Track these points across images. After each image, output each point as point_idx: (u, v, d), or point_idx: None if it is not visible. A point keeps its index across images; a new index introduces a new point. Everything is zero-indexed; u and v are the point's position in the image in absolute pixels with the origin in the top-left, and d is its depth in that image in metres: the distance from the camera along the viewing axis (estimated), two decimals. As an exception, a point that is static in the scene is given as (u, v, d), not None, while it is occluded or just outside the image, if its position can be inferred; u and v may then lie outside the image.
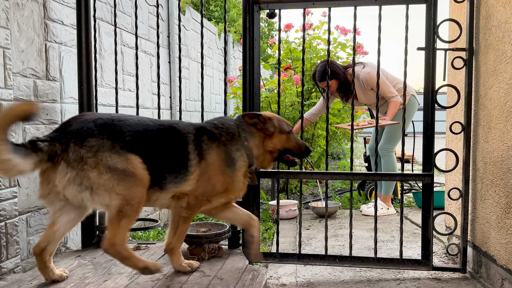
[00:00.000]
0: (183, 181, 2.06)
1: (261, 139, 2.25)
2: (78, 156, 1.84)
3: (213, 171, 2.10)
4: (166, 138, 2.06)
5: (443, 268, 2.58)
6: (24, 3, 2.53)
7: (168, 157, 2.05)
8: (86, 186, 1.84)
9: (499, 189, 2.27)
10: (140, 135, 1.99)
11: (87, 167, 1.84)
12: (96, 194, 1.86)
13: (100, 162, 1.86)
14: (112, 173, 1.87)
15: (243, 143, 2.19)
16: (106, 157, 1.87)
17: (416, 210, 4.44)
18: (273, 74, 9.32)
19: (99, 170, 1.85)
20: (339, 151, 9.87)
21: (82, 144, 1.86)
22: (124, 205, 1.88)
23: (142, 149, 1.97)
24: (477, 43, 2.55)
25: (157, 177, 2.01)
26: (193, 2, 12.81)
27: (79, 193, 1.85)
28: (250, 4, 2.57)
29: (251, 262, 2.55)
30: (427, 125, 2.49)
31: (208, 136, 2.13)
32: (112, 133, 1.92)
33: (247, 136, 2.21)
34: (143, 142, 1.99)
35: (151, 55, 4.21)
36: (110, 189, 1.86)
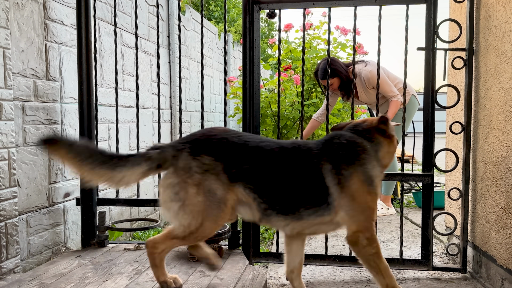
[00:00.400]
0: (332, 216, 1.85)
1: (388, 146, 1.99)
2: (187, 166, 1.81)
3: (359, 195, 1.85)
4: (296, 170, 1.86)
5: (443, 268, 2.58)
6: (24, 3, 2.53)
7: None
8: (180, 198, 1.81)
9: (499, 189, 2.27)
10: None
11: (191, 181, 1.80)
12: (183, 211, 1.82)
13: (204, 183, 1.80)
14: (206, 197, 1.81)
15: (375, 156, 1.94)
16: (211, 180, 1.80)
17: (416, 210, 4.44)
18: (273, 74, 9.32)
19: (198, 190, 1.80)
20: (339, 151, 9.85)
21: (196, 157, 1.81)
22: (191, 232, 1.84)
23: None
24: (477, 43, 2.55)
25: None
26: (193, 2, 12.82)
27: (171, 201, 1.83)
28: (250, 4, 2.57)
29: (251, 262, 2.55)
30: (427, 125, 2.49)
31: (345, 162, 1.86)
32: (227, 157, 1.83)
33: (377, 146, 1.95)
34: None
35: (151, 55, 4.21)
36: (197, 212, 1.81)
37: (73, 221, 2.97)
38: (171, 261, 2.43)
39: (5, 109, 2.31)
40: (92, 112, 2.79)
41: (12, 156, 2.36)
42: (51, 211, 2.76)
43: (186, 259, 2.46)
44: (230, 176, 1.81)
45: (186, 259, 2.46)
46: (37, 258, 2.61)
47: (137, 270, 2.29)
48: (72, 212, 2.95)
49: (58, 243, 2.83)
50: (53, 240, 2.78)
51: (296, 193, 1.83)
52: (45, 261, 2.65)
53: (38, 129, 2.65)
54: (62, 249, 2.86)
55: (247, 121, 2.60)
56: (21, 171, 2.51)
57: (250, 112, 2.60)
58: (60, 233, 2.85)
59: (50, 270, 2.29)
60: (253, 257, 2.62)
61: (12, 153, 2.37)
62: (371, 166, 1.89)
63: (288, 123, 5.41)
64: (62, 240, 2.87)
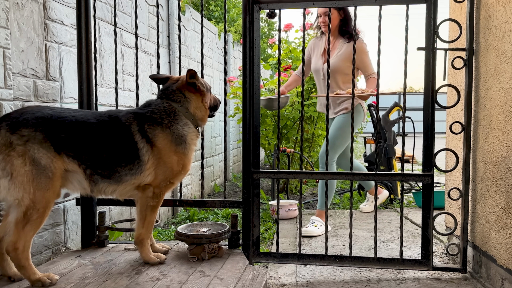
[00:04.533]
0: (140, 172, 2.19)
1: (200, 99, 2.41)
2: (7, 141, 1.91)
3: (166, 155, 2.23)
4: (110, 132, 2.17)
5: (443, 268, 2.58)
6: (24, 3, 2.53)
7: (116, 150, 2.15)
8: (8, 172, 1.89)
9: (499, 189, 2.27)
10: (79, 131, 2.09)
11: (14, 153, 1.91)
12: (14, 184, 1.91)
13: (28, 153, 1.93)
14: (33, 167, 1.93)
15: (185, 113, 2.33)
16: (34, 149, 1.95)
17: (416, 210, 4.44)
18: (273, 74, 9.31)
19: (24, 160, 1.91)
20: (339, 151, 9.86)
21: (14, 132, 1.93)
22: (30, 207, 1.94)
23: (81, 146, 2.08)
24: (477, 43, 2.55)
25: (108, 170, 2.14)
26: (193, 2, 12.81)
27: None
28: (250, 4, 2.57)
29: (251, 262, 2.55)
30: (427, 125, 2.49)
31: (150, 123, 2.23)
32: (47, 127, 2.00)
33: (187, 103, 2.36)
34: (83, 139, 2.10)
35: (151, 55, 4.21)
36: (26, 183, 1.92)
37: (73, 221, 2.97)
38: (171, 261, 2.43)
39: (5, 109, 2.31)
40: (92, 112, 2.79)
41: (12, 156, 2.36)
42: (51, 211, 2.76)
43: (186, 259, 2.46)
44: (53, 145, 2.00)
45: (186, 259, 2.46)
46: (37, 258, 2.61)
47: (137, 270, 2.29)
48: (72, 212, 2.95)
49: (58, 243, 2.82)
50: (53, 240, 2.78)
51: (112, 154, 2.13)
52: (45, 261, 2.64)
53: (38, 129, 2.65)
54: (62, 249, 2.86)
55: (247, 121, 2.60)
56: (21, 171, 2.50)
57: (250, 112, 2.60)
58: (60, 233, 2.85)
59: (50, 270, 2.29)
60: (253, 257, 2.62)
61: (12, 153, 2.36)
62: (181, 125, 2.28)
63: (288, 123, 5.42)
64: (62, 240, 2.86)
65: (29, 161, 1.92)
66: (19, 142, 1.92)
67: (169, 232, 3.77)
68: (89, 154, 2.10)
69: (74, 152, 2.07)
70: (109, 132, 2.15)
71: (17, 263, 1.96)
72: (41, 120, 2.00)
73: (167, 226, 4.09)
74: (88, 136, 2.10)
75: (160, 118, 2.25)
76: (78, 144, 2.07)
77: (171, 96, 2.36)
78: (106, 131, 2.15)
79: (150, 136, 2.20)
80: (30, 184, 1.92)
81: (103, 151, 2.12)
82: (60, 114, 2.08)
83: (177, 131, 2.27)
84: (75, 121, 2.09)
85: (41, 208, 1.96)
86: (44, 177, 1.95)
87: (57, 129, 2.03)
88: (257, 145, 2.64)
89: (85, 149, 2.09)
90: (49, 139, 1.99)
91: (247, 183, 2.62)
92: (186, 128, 2.31)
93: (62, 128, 2.05)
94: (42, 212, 1.96)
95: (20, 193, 1.91)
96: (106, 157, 2.13)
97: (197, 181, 5.31)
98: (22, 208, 1.92)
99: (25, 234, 1.94)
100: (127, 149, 2.16)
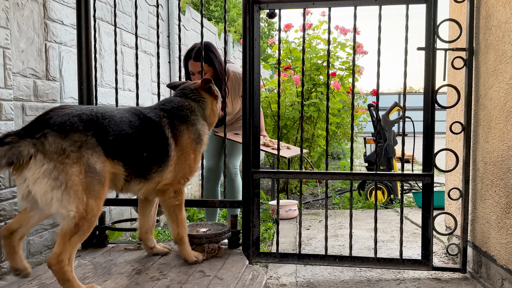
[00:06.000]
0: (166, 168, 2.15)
1: (214, 103, 2.41)
2: (59, 148, 1.73)
3: (187, 152, 2.23)
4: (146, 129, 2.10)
5: (443, 268, 2.58)
6: (24, 3, 2.53)
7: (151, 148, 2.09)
8: (61, 182, 1.71)
9: (499, 189, 2.27)
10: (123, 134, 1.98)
11: (68, 161, 1.73)
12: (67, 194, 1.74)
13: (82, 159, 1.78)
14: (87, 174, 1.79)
15: (201, 114, 2.34)
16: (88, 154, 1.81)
17: (416, 210, 4.44)
18: (273, 74, 9.32)
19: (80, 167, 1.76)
20: (339, 151, 9.88)
21: (66, 137, 1.76)
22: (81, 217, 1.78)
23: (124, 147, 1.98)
24: (477, 43, 2.55)
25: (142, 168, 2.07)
26: (193, 2, 12.81)
27: (52, 190, 1.71)
28: (250, 4, 2.57)
29: (251, 262, 2.55)
30: (427, 125, 2.49)
31: (178, 120, 2.22)
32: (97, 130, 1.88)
33: (204, 104, 2.36)
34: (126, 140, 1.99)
35: (151, 55, 4.21)
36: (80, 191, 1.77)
37: (73, 221, 2.97)
38: (171, 261, 2.43)
39: (5, 109, 2.31)
40: (92, 112, 2.79)
41: (12, 156, 2.36)
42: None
43: (173, 244, 2.46)
44: (104, 148, 1.87)
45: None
46: (37, 258, 2.61)
47: (137, 270, 2.29)
48: (72, 212, 2.94)
49: (58, 243, 2.82)
50: (53, 240, 2.77)
51: (150, 152, 2.06)
52: (45, 261, 2.64)
53: (38, 129, 2.65)
54: (62, 249, 2.86)
55: (247, 121, 2.60)
56: (21, 171, 2.50)
57: (250, 112, 2.60)
58: (60, 233, 2.84)
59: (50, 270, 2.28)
60: (253, 257, 2.62)
61: (12, 153, 2.36)
62: (201, 125, 2.30)
63: (288, 123, 5.42)
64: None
65: (84, 168, 1.77)
66: (73, 148, 1.75)
67: (169, 232, 3.77)
68: (132, 154, 2.00)
69: (120, 154, 1.94)
70: (147, 130, 2.07)
71: (61, 277, 1.78)
72: (90, 123, 1.85)
73: (167, 226, 4.09)
74: (131, 136, 2.00)
75: (186, 115, 2.25)
76: (123, 145, 1.95)
77: (190, 95, 2.35)
78: (144, 129, 2.07)
79: (176, 133, 2.18)
80: (84, 192, 1.77)
81: (143, 150, 2.04)
82: (104, 115, 1.93)
83: (198, 130, 2.28)
84: (119, 122, 1.96)
85: (92, 217, 1.82)
86: (97, 184, 1.82)
87: (106, 132, 1.89)
88: (257, 145, 2.64)
89: (129, 149, 1.98)
90: (100, 143, 1.85)
91: (247, 183, 2.62)
92: (204, 128, 2.32)
93: (110, 130, 1.91)
94: (92, 221, 1.82)
95: (74, 204, 1.75)
96: (146, 156, 2.05)
97: (197, 181, 5.31)
98: (74, 219, 1.76)
99: (72, 246, 1.79)
100: (161, 146, 2.11)
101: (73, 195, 1.73)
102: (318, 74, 5.56)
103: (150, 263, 2.40)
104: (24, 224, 1.94)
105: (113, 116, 1.96)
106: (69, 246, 1.77)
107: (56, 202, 1.72)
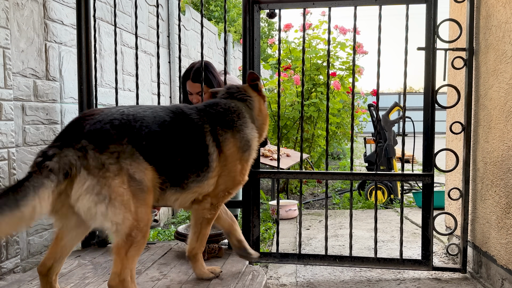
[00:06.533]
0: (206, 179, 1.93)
1: (261, 101, 2.18)
2: (99, 163, 1.62)
3: (232, 162, 1.97)
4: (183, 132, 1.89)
5: (443, 268, 2.58)
6: (24, 3, 2.53)
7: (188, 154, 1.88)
8: (104, 195, 1.62)
9: (499, 189, 2.27)
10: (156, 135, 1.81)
11: (110, 174, 1.63)
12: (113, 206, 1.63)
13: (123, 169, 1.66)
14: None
15: (250, 115, 2.10)
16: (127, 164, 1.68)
17: (416, 210, 4.44)
18: (273, 74, 9.32)
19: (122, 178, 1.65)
20: (339, 151, 9.88)
21: (103, 151, 1.64)
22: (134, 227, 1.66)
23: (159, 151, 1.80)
24: (477, 43, 2.55)
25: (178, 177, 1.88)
26: (193, 2, 12.81)
27: (95, 205, 1.61)
28: (250, 4, 2.57)
29: (251, 262, 2.55)
30: (427, 125, 2.49)
31: (223, 126, 1.97)
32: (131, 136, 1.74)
33: (252, 103, 2.12)
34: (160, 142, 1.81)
35: (151, 55, 4.21)
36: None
37: (73, 221, 2.97)
38: (171, 261, 2.43)
39: (5, 109, 2.31)
40: (92, 112, 2.79)
41: (12, 156, 2.36)
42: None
43: (186, 259, 2.46)
44: (142, 154, 1.73)
45: (186, 259, 2.46)
46: (37, 258, 2.61)
47: (137, 270, 2.29)
48: (72, 212, 2.94)
49: (58, 243, 2.82)
50: (53, 240, 2.78)
51: (185, 158, 1.86)
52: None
53: (38, 129, 2.65)
54: (62, 249, 2.86)
55: (247, 121, 2.59)
56: (21, 171, 2.51)
57: (250, 112, 2.59)
58: (60, 233, 2.84)
59: (50, 270, 2.28)
60: (253, 257, 2.62)
61: (12, 153, 2.37)
62: (249, 129, 2.05)
63: (288, 123, 5.42)
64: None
65: (126, 178, 1.66)
66: (112, 161, 1.65)
67: (169, 232, 3.76)
68: (167, 160, 1.82)
69: (155, 159, 1.78)
70: (183, 133, 1.88)
71: None
72: (122, 129, 1.72)
73: (167, 226, 4.09)
74: (165, 140, 1.82)
75: (232, 120, 2.01)
76: (155, 148, 1.78)
77: (236, 94, 2.14)
78: (180, 132, 1.87)
79: (220, 140, 1.95)
80: (131, 201, 1.66)
81: (178, 155, 1.85)
82: (135, 117, 1.78)
83: (246, 136, 2.03)
84: (151, 123, 1.80)
85: (144, 227, 1.70)
86: (141, 192, 1.70)
87: (140, 136, 1.75)
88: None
89: (164, 154, 1.81)
90: (137, 149, 1.73)
91: (247, 183, 2.61)
92: (253, 133, 2.07)
93: (142, 133, 1.76)
94: (145, 231, 1.71)
95: (121, 215, 1.64)
96: (180, 162, 1.85)
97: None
98: (124, 231, 1.65)
99: (130, 261, 1.67)
100: (199, 153, 1.90)
101: (119, 206, 1.64)
102: (318, 74, 5.56)
103: (150, 263, 2.40)
104: (58, 257, 1.83)
105: (144, 116, 1.81)
106: (127, 262, 1.66)
107: (100, 216, 1.63)
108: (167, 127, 1.83)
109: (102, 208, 1.61)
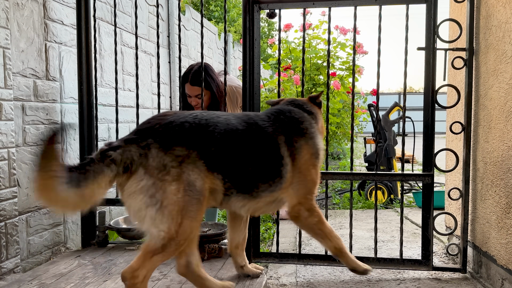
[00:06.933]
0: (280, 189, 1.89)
1: (321, 119, 2.15)
2: (161, 164, 1.60)
3: (306, 169, 1.94)
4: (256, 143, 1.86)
5: (443, 268, 2.58)
6: (24, 3, 2.53)
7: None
8: (157, 200, 1.59)
9: (499, 189, 2.27)
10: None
11: (168, 177, 1.60)
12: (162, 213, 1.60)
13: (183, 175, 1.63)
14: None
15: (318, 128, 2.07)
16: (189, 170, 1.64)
17: (416, 210, 4.44)
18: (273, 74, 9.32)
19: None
20: (339, 151, 9.88)
21: (168, 151, 1.62)
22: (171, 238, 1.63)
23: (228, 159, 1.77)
24: (477, 43, 2.55)
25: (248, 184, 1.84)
26: (193, 2, 12.81)
27: (146, 207, 1.59)
28: (250, 4, 2.57)
29: (251, 262, 2.55)
30: (427, 125, 2.49)
31: (297, 134, 1.94)
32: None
33: (316, 118, 2.08)
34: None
35: (151, 55, 4.21)
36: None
37: (73, 221, 2.97)
38: (172, 261, 2.43)
39: (5, 109, 2.31)
40: (92, 112, 2.79)
41: (12, 156, 2.36)
42: (51, 211, 2.76)
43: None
44: (206, 162, 1.69)
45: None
46: (37, 258, 2.61)
47: (137, 270, 2.29)
48: (72, 212, 2.95)
49: (58, 243, 2.82)
50: (53, 240, 2.78)
51: (257, 168, 1.81)
52: (45, 261, 2.64)
53: (38, 129, 2.65)
54: (62, 249, 2.86)
55: (247, 121, 2.59)
56: (21, 171, 2.51)
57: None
58: (60, 233, 2.85)
59: (50, 270, 2.29)
60: (253, 257, 2.62)
61: (12, 153, 2.37)
62: (319, 139, 2.02)
63: (288, 123, 5.41)
64: (62, 240, 2.87)
65: (184, 186, 1.61)
66: (174, 164, 1.61)
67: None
68: (235, 169, 1.78)
69: (221, 168, 1.74)
70: (256, 143, 1.83)
71: None
72: (192, 134, 1.69)
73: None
74: (236, 149, 1.78)
75: (306, 128, 1.97)
76: (226, 158, 1.75)
77: (304, 106, 2.08)
78: (253, 142, 1.83)
79: (294, 151, 1.90)
80: (180, 213, 1.61)
81: (249, 165, 1.80)
82: (208, 122, 1.75)
83: (317, 144, 1.99)
84: (223, 131, 1.76)
85: (182, 240, 1.65)
86: (195, 203, 1.65)
87: (208, 142, 1.71)
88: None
89: (232, 163, 1.77)
90: (201, 156, 1.68)
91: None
92: (321, 144, 2.02)
93: (212, 140, 1.72)
94: (181, 244, 1.66)
95: (166, 224, 1.60)
96: (251, 171, 1.81)
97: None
98: (163, 240, 1.62)
99: (151, 264, 1.64)
100: (273, 164, 1.85)
101: (167, 215, 1.60)
102: (318, 74, 5.56)
103: (150, 263, 2.40)
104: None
105: (218, 123, 1.77)
106: (148, 264, 1.64)
107: (149, 220, 1.60)
108: (240, 136, 1.80)
109: (152, 212, 1.59)
